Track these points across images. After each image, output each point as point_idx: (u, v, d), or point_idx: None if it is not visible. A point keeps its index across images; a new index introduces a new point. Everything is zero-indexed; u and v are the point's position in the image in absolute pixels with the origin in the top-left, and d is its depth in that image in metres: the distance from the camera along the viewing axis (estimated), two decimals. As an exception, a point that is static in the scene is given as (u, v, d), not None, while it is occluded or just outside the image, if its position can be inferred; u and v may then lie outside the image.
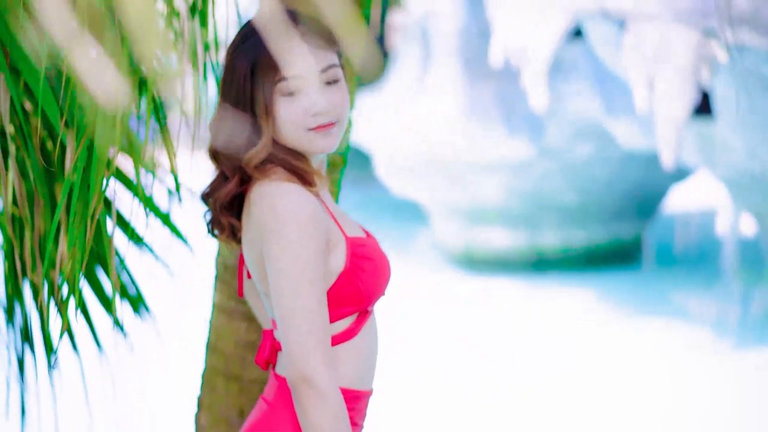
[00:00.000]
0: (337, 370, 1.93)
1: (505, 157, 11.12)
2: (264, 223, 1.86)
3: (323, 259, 1.86)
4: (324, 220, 1.88)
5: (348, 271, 1.92)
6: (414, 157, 11.60)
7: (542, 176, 11.37)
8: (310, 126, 1.90)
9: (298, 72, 1.87)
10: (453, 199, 11.83)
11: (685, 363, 8.63)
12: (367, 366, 2.00)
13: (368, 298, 1.96)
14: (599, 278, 11.49)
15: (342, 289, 1.92)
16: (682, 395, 7.78)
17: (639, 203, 12.10)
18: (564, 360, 8.80)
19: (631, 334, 9.52)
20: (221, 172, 1.92)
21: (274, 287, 1.85)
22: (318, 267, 1.84)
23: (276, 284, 1.83)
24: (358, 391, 1.98)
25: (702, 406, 7.54)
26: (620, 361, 8.73)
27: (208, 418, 2.61)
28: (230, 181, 1.89)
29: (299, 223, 1.83)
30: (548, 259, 11.97)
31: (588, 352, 9.05)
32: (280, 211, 1.85)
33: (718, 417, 7.31)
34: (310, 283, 1.83)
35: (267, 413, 1.96)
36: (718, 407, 7.49)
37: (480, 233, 12.05)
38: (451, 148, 11.30)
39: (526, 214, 11.78)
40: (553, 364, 8.69)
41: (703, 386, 8.01)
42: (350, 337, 1.95)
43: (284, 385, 1.93)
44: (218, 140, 1.90)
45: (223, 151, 1.91)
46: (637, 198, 12.01)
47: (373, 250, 1.97)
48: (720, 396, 7.74)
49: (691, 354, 8.85)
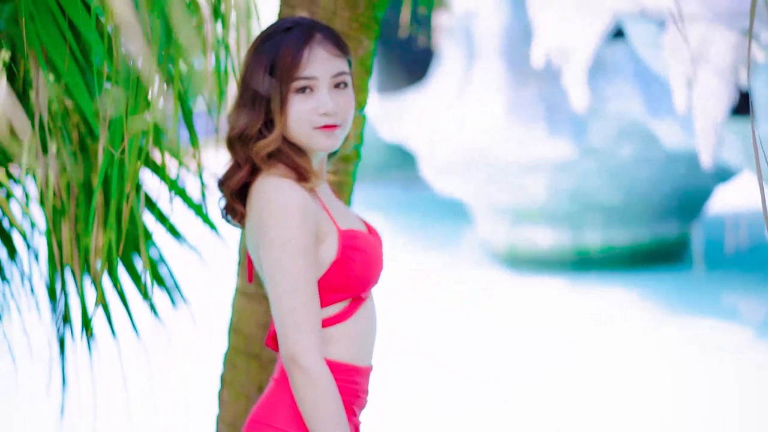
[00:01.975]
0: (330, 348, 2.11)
1: (548, 156, 11.21)
2: (259, 215, 2.06)
3: (312, 248, 2.04)
4: (314, 213, 2.07)
5: (339, 261, 2.10)
6: (458, 157, 11.72)
7: (585, 176, 11.44)
8: (317, 124, 2.09)
9: (313, 73, 2.07)
10: (497, 198, 11.94)
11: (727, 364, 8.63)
12: (361, 345, 2.17)
13: (359, 286, 2.13)
14: (642, 278, 11.51)
15: (334, 277, 2.10)
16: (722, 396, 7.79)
17: (682, 203, 12.11)
18: (606, 359, 8.85)
19: (673, 334, 9.54)
20: (236, 161, 2.11)
21: (266, 274, 2.05)
22: (306, 256, 2.03)
23: (268, 271, 2.03)
24: (355, 366, 2.15)
25: (746, 408, 7.54)
26: (662, 361, 8.76)
27: (229, 394, 2.81)
28: (242, 170, 2.08)
29: (289, 215, 2.02)
30: (591, 259, 12.03)
31: (630, 351, 9.09)
32: (273, 204, 2.04)
33: (762, 419, 7.31)
34: (299, 271, 2.02)
35: (272, 389, 2.15)
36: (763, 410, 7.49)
37: (523, 232, 12.15)
38: (494, 148, 11.41)
39: (569, 213, 11.85)
40: (594, 362, 8.75)
41: (743, 387, 8.00)
42: (343, 320, 2.13)
43: None
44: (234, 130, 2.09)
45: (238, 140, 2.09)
46: (681, 198, 12.02)
47: (365, 242, 2.15)
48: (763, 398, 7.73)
49: (734, 355, 8.85)
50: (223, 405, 2.80)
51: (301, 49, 2.08)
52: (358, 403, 2.18)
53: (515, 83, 11.19)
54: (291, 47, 2.09)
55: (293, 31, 2.11)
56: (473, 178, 11.81)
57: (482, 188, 11.87)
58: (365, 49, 2.63)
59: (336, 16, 2.58)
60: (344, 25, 2.59)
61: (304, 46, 2.09)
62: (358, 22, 2.62)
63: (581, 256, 12.05)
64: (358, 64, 2.63)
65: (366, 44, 2.63)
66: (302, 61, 2.08)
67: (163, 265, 3.53)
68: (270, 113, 2.09)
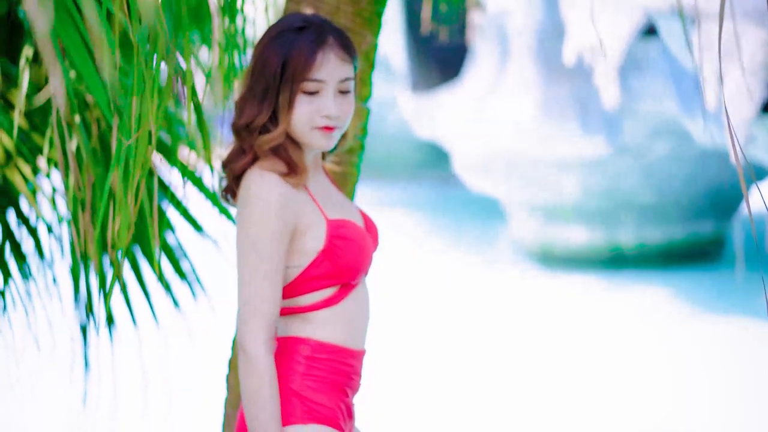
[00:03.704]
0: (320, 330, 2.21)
1: (581, 154, 11.22)
2: (240, 203, 2.18)
3: (280, 242, 2.14)
4: (293, 206, 2.17)
5: (327, 249, 2.19)
6: (491, 155, 11.77)
7: (619, 174, 11.43)
8: (317, 125, 2.18)
9: (323, 77, 2.16)
10: (530, 196, 11.97)
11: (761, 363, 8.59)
12: (352, 328, 2.25)
13: (348, 273, 2.22)
14: (676, 276, 11.48)
15: (322, 265, 2.19)
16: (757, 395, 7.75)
17: (717, 202, 12.06)
18: (640, 357, 8.86)
19: (707, 332, 9.52)
20: (240, 146, 2.20)
21: (237, 259, 2.16)
22: (274, 247, 2.14)
23: (237, 258, 2.13)
24: (347, 348, 2.23)
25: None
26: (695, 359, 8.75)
27: (236, 378, 2.91)
28: (246, 156, 2.18)
29: (264, 209, 2.13)
30: (624, 257, 12.02)
31: (663, 349, 9.09)
32: (251, 194, 2.15)
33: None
34: (261, 260, 2.13)
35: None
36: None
37: (557, 230, 12.17)
38: (527, 146, 11.44)
39: (603, 211, 11.85)
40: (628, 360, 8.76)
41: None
42: (332, 304, 2.22)
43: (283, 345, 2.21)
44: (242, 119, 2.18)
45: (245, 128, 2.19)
46: (715, 196, 11.97)
47: (352, 232, 2.23)
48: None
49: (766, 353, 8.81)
50: (231, 389, 2.90)
51: (314, 52, 2.17)
52: (351, 385, 2.25)
53: (548, 81, 11.21)
54: (304, 48, 2.16)
55: (307, 32, 2.18)
56: (506, 176, 11.85)
57: (515, 186, 11.90)
58: (368, 43, 2.71)
59: (339, 11, 2.67)
60: (347, 20, 2.68)
61: (318, 50, 2.17)
62: (361, 17, 2.70)
63: (615, 254, 12.05)
64: (362, 58, 2.72)
65: (369, 38, 2.71)
66: (315, 64, 2.16)
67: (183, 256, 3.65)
68: (276, 108, 2.18)
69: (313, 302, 2.21)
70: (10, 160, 3.27)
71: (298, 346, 2.21)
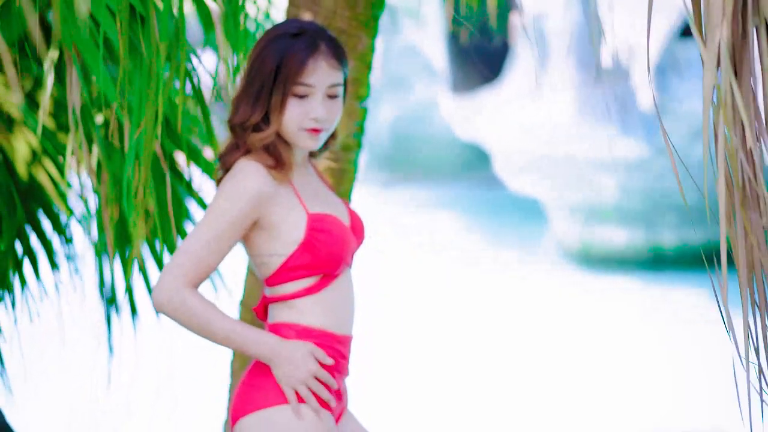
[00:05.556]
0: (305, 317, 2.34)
1: (620, 155, 11.24)
2: (221, 184, 2.31)
3: (242, 224, 2.28)
4: (269, 197, 2.30)
5: (306, 241, 2.31)
6: (532, 155, 11.83)
7: (659, 175, 11.43)
8: (305, 126, 2.32)
9: (313, 82, 2.30)
10: (570, 196, 12.01)
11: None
12: (336, 315, 2.38)
13: (326, 264, 2.35)
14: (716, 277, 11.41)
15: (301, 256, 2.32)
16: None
17: (758, 202, 11.99)
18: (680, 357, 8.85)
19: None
20: (234, 142, 2.35)
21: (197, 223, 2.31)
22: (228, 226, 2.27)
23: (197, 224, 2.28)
24: (332, 333, 2.36)
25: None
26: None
27: (239, 363, 3.06)
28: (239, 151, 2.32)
29: (240, 194, 2.27)
30: (665, 257, 12.00)
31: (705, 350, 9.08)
32: (234, 175, 2.30)
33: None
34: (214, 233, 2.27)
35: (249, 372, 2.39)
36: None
37: (597, 231, 12.19)
38: (567, 147, 11.49)
39: (643, 212, 11.85)
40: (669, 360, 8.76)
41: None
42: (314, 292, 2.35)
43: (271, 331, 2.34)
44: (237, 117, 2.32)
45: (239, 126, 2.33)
46: (756, 197, 11.90)
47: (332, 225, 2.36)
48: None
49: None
50: (235, 374, 3.05)
51: (306, 58, 2.31)
52: (338, 368, 2.38)
53: (586, 82, 11.25)
54: (298, 54, 2.30)
55: (301, 38, 2.32)
56: (547, 177, 11.90)
57: (556, 187, 11.95)
58: (364, 45, 2.85)
59: (336, 15, 2.80)
60: (344, 23, 2.81)
61: (310, 56, 2.31)
62: (358, 21, 2.83)
63: (655, 254, 12.04)
64: (359, 59, 2.85)
65: (365, 41, 2.84)
66: (306, 70, 2.30)
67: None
68: (269, 109, 2.33)
69: (295, 290, 2.35)
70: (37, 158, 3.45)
71: (284, 331, 2.34)
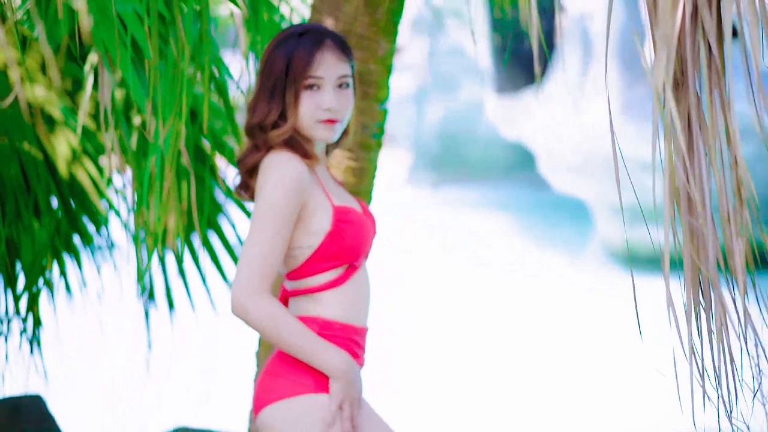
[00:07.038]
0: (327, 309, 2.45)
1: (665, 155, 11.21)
2: (261, 180, 2.40)
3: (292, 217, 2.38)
4: (308, 186, 2.42)
5: (333, 231, 2.43)
6: (576, 156, 11.85)
7: (704, 175, 11.38)
8: (320, 118, 2.45)
9: (321, 74, 2.44)
10: (616, 197, 12.01)
11: None
12: (356, 307, 2.50)
13: (351, 254, 2.46)
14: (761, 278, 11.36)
15: (329, 246, 2.43)
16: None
17: (805, 203, 11.91)
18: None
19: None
20: (254, 144, 2.47)
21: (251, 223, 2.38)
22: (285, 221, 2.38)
23: (251, 224, 2.37)
24: (351, 325, 2.47)
25: None
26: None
27: (265, 353, 3.18)
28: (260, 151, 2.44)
29: (284, 184, 2.38)
30: (710, 258, 11.93)
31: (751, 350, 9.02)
32: (275, 173, 2.41)
33: None
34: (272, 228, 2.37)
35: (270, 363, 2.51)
36: None
37: (643, 232, 12.16)
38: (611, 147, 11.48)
39: (688, 213, 11.80)
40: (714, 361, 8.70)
41: None
42: (338, 285, 2.47)
43: None
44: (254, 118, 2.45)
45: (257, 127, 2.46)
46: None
47: (354, 217, 2.48)
48: None
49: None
50: (260, 364, 3.17)
51: (313, 52, 2.45)
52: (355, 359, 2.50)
53: (630, 82, 11.26)
54: (304, 50, 2.45)
55: (306, 36, 2.47)
56: (592, 177, 11.91)
57: (601, 187, 11.96)
58: (384, 49, 2.96)
59: (357, 21, 2.92)
60: (364, 28, 2.93)
61: (316, 51, 2.45)
62: (377, 26, 2.95)
63: (700, 255, 11.97)
64: (379, 63, 2.96)
65: (384, 45, 2.96)
66: (314, 63, 2.44)
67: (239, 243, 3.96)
68: (284, 106, 2.45)
69: (320, 283, 2.46)
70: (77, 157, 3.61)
71: (307, 324, 2.44)
